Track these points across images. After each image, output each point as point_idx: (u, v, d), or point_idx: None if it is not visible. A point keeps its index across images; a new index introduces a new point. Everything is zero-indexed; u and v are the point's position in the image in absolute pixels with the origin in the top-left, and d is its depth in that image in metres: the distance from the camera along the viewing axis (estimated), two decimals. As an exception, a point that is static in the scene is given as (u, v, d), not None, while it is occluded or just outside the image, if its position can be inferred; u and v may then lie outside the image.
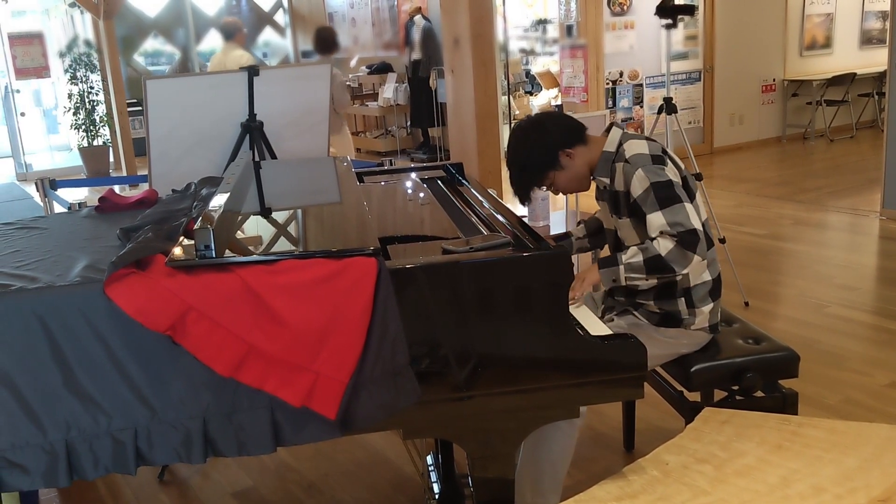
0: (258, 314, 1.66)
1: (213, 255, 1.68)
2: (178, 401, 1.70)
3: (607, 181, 2.42)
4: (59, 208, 3.98)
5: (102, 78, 9.74)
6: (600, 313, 2.59)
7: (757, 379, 2.42)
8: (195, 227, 1.72)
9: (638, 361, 1.89)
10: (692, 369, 2.42)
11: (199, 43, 11.62)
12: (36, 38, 9.99)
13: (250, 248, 1.90)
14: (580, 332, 1.90)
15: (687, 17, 8.28)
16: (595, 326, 2.04)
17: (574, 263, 2.47)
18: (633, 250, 2.27)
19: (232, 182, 2.18)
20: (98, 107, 9.85)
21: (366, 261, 1.71)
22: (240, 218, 2.11)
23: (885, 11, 9.73)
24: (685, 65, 8.58)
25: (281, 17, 12.08)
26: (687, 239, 2.21)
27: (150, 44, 11.47)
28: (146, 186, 3.11)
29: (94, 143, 9.82)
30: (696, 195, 2.37)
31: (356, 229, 2.03)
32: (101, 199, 2.49)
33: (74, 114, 9.74)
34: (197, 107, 3.16)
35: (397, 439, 3.14)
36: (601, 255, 2.68)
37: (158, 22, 11.36)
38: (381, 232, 2.11)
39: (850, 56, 9.83)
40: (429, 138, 9.66)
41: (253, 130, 3.25)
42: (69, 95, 9.74)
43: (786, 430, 2.09)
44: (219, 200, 1.96)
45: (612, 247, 2.58)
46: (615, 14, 7.99)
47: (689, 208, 2.25)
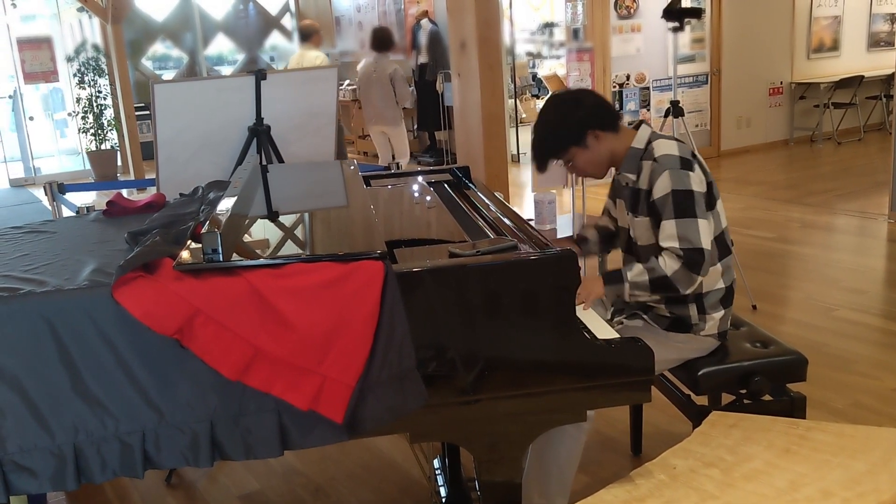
0: (265, 317, 1.66)
1: (221, 259, 1.68)
2: (185, 404, 1.70)
3: (633, 178, 2.39)
4: (67, 212, 4.00)
5: (110, 82, 9.78)
6: (609, 315, 2.58)
7: (765, 382, 2.41)
8: (203, 230, 1.73)
9: (645, 365, 1.89)
10: (700, 373, 2.41)
11: (206, 47, 11.66)
12: (44, 43, 10.04)
13: (257, 251, 1.91)
14: (587, 335, 1.90)
15: (694, 20, 8.28)
16: (602, 330, 2.04)
17: (581, 267, 2.47)
18: (639, 269, 2.28)
19: (239, 186, 2.18)
20: (106, 111, 9.89)
21: (373, 264, 1.71)
22: (247, 221, 2.12)
23: (893, 14, 9.72)
24: (692, 68, 8.56)
25: (288, 21, 12.11)
26: (693, 259, 2.23)
27: (157, 48, 11.52)
28: (154, 190, 3.12)
29: (102, 147, 9.87)
30: (719, 201, 2.38)
31: (363, 233, 2.03)
32: (108, 203, 2.50)
33: (83, 118, 9.78)
34: (204, 111, 3.17)
35: (404, 443, 3.14)
36: (609, 260, 2.68)
37: (166, 26, 11.40)
38: (387, 235, 2.12)
39: (858, 59, 9.80)
40: (435, 142, 9.66)
41: (260, 134, 3.26)
42: (77, 100, 9.79)
43: (794, 433, 2.08)
44: (226, 204, 1.97)
45: (623, 245, 2.57)
46: (622, 17, 7.98)
47: (702, 225, 2.25)
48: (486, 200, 2.43)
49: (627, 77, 8.09)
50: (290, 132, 3.38)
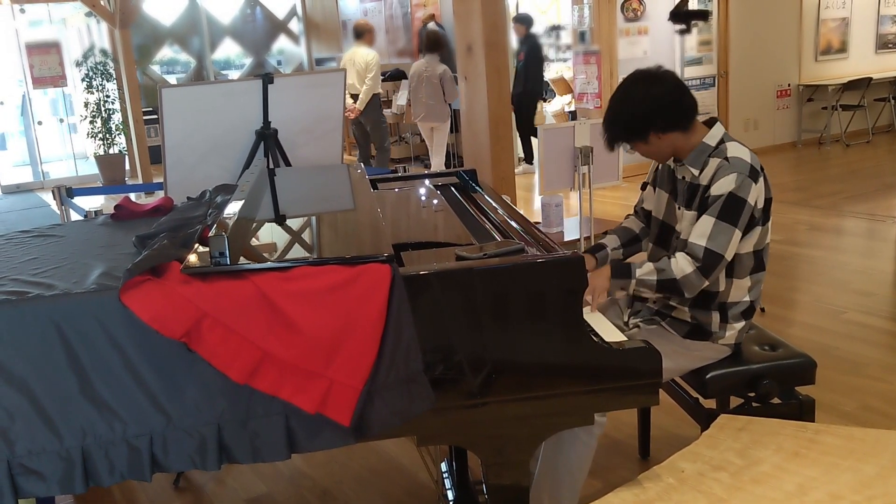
0: (272, 321, 1.66)
1: (228, 262, 1.69)
2: (193, 407, 1.71)
3: (696, 172, 2.34)
4: (75, 216, 4.01)
5: (118, 86, 9.82)
6: (626, 318, 2.57)
7: (773, 386, 2.40)
8: (210, 234, 1.73)
9: (653, 368, 1.88)
10: (708, 376, 2.40)
11: (213, 51, 11.69)
12: (53, 48, 10.08)
13: (265, 254, 1.91)
14: (594, 338, 1.90)
15: (701, 23, 8.27)
16: (609, 333, 2.04)
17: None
18: (650, 268, 2.27)
19: (246, 189, 2.19)
20: (114, 115, 9.93)
21: (380, 267, 1.71)
22: (254, 225, 2.12)
23: (901, 15, 9.68)
24: (699, 70, 8.55)
25: (295, 25, 12.14)
26: (709, 263, 2.24)
27: (165, 52, 11.56)
28: (161, 194, 3.13)
29: (110, 151, 9.90)
30: (770, 220, 2.36)
31: (370, 236, 2.03)
32: (116, 207, 2.50)
33: (91, 122, 9.82)
34: (212, 114, 3.18)
35: (411, 446, 3.14)
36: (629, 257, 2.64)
37: (174, 31, 11.44)
38: (394, 239, 2.12)
39: (866, 60, 9.77)
40: (442, 145, 9.66)
41: (267, 138, 3.26)
42: (85, 104, 9.83)
43: (803, 437, 2.07)
44: (233, 208, 1.97)
45: (655, 237, 2.54)
46: (629, 20, 7.98)
47: (736, 236, 2.25)
48: (493, 203, 2.43)
49: (634, 80, 8.07)
50: (298, 136, 3.38)
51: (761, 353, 2.49)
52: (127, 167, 10.06)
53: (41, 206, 8.86)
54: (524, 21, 8.71)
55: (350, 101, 8.07)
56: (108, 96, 9.87)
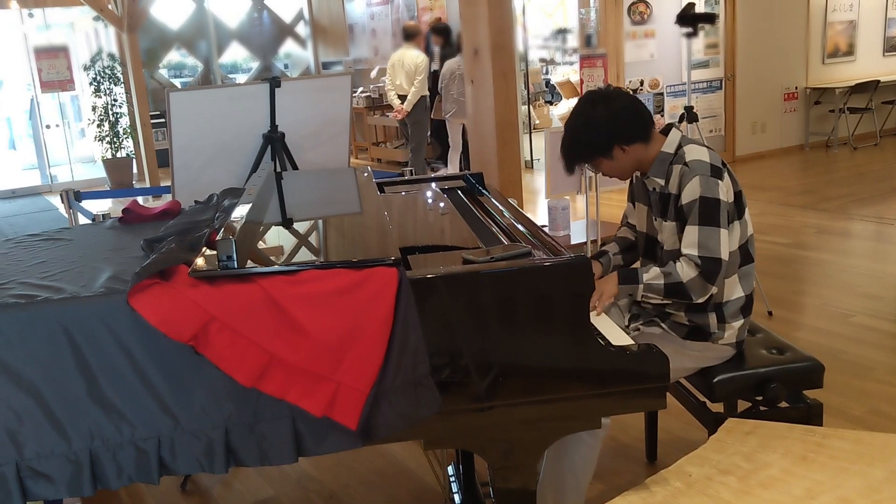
0: (280, 324, 1.66)
1: (235, 266, 1.69)
2: (200, 410, 1.71)
3: (661, 182, 2.38)
4: (83, 220, 4.02)
5: (126, 90, 9.86)
6: (626, 321, 2.58)
7: (781, 389, 2.39)
8: (217, 237, 1.74)
9: (660, 371, 1.88)
10: (715, 380, 2.40)
11: (220, 55, 11.73)
12: (61, 52, 10.13)
13: (272, 258, 1.91)
14: (601, 341, 1.90)
15: (708, 26, 8.25)
16: (616, 336, 2.03)
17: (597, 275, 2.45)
18: (656, 272, 2.28)
19: (254, 193, 2.19)
20: (122, 119, 9.97)
21: (386, 271, 1.71)
22: (261, 228, 2.13)
23: (909, 18, 9.65)
24: (706, 73, 8.54)
25: (302, 29, 12.17)
26: (709, 269, 2.25)
27: (172, 56, 11.60)
28: (169, 197, 3.14)
29: (118, 154, 9.94)
30: (747, 209, 2.38)
31: (377, 239, 2.03)
32: (124, 211, 2.51)
33: (98, 126, 9.86)
34: (219, 118, 3.19)
35: (418, 449, 3.14)
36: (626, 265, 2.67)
37: (181, 34, 11.48)
38: (401, 242, 2.12)
39: (874, 63, 9.74)
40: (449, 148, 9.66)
41: (274, 141, 3.27)
42: (93, 108, 9.87)
43: (811, 441, 2.06)
44: (241, 211, 1.98)
45: (642, 250, 2.57)
46: (635, 23, 7.97)
47: (724, 235, 2.26)
48: (500, 207, 2.43)
49: (641, 83, 8.07)
50: (305, 139, 3.39)
51: (769, 356, 2.48)
52: (134, 171, 10.10)
53: (49, 210, 8.90)
54: (442, 32, 8.50)
55: (397, 101, 8.12)
56: (115, 100, 9.91)
